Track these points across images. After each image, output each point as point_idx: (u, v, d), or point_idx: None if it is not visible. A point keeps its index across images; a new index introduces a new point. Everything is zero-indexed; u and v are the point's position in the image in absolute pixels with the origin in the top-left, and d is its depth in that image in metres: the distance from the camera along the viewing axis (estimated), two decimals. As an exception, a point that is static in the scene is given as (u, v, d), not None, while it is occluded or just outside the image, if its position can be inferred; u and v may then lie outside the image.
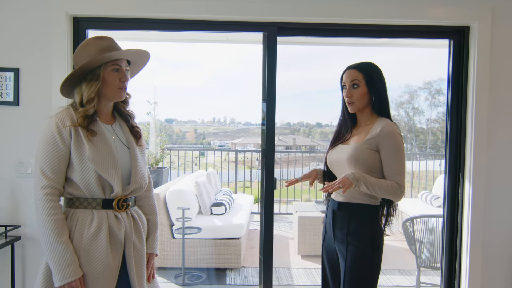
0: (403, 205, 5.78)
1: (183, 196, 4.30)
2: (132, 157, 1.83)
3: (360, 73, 2.02)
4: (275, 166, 2.83)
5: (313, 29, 2.83)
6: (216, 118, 35.77)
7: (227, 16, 2.72)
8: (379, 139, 1.95)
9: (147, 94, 7.13)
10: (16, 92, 2.68)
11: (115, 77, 1.77)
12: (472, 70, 2.73)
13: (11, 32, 2.66)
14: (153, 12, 2.70)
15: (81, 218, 1.71)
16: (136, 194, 1.87)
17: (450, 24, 2.77)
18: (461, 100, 2.82)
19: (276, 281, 4.04)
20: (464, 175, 2.80)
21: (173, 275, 4.10)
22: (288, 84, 33.16)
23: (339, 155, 2.07)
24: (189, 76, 39.50)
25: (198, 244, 4.23)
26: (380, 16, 2.73)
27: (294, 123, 30.61)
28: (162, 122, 20.13)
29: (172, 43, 19.58)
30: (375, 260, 2.00)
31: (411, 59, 27.96)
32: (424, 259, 3.35)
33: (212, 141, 32.44)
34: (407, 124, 20.55)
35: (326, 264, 2.16)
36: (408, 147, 20.38)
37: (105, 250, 1.70)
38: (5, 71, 2.68)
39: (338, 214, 2.05)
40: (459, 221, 2.84)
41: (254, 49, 2.79)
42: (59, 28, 2.67)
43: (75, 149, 1.68)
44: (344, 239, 2.00)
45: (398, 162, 1.94)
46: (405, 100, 20.39)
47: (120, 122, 1.90)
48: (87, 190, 1.71)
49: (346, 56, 17.91)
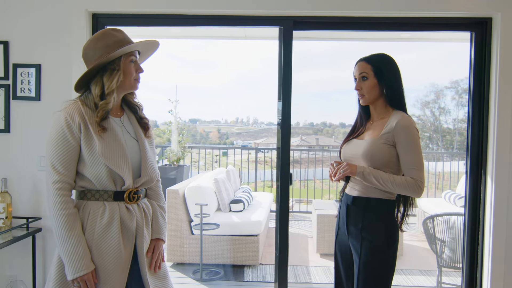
0: (425, 205, 5.65)
1: (202, 192, 4.32)
2: (141, 150, 1.83)
3: (368, 65, 1.99)
4: (297, 165, 2.80)
5: (329, 22, 2.80)
6: (239, 118, 35.88)
7: (242, 10, 2.72)
8: (395, 133, 1.90)
9: (169, 93, 7.22)
10: (38, 88, 2.76)
11: (132, 68, 1.78)
12: (495, 64, 2.64)
13: (32, 29, 2.73)
14: (170, 8, 2.73)
15: (93, 210, 1.72)
16: (146, 186, 1.87)
17: (472, 16, 2.69)
18: (483, 96, 2.73)
19: (293, 278, 4.02)
20: (486, 173, 2.71)
21: (191, 271, 4.13)
22: (312, 83, 32.92)
23: (353, 150, 2.03)
24: (212, 76, 39.68)
25: (216, 240, 4.24)
26: (398, 8, 2.68)
27: (317, 123, 30.35)
28: (186, 122, 20.20)
29: (194, 41, 19.67)
30: (390, 256, 1.96)
31: (437, 58, 27.36)
32: (445, 259, 3.27)
33: (235, 141, 32.54)
34: (432, 124, 20.12)
35: (339, 260, 2.12)
36: (434, 148, 19.93)
37: (117, 241, 1.71)
38: (28, 67, 2.75)
39: (352, 209, 2.02)
40: (481, 220, 2.75)
41: (276, 47, 2.81)
42: (78, 25, 2.72)
43: (85, 143, 1.68)
44: (359, 235, 1.96)
45: (414, 156, 1.89)
46: (431, 100, 19.98)
47: (128, 114, 1.89)
48: (98, 183, 1.72)
49: (369, 53, 17.67)
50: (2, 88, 2.76)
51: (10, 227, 2.62)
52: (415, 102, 20.46)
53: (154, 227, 1.91)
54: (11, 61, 2.76)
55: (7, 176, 2.72)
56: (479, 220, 2.76)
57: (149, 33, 3.70)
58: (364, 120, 2.12)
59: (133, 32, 3.55)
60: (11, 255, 2.77)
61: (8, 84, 2.76)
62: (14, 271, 2.79)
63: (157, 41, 1.90)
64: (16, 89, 2.76)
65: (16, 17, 2.73)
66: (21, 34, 2.74)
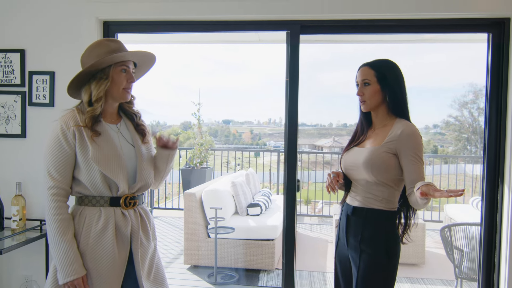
0: (452, 211, 5.44)
1: (218, 196, 4.34)
2: (137, 155, 1.86)
3: (371, 70, 1.92)
4: (327, 166, 2.76)
5: (338, 26, 2.74)
6: (271, 119, 35.84)
7: (249, 15, 2.70)
8: (399, 142, 1.82)
9: (204, 95, 7.30)
10: (52, 94, 2.85)
11: (122, 77, 1.80)
12: (513, 66, 2.50)
13: (47, 38, 2.83)
14: (178, 15, 2.75)
15: (89, 216, 1.77)
16: (143, 191, 1.90)
17: (488, 16, 2.56)
18: (500, 99, 2.60)
19: (308, 285, 3.96)
20: (503, 181, 2.57)
21: (206, 274, 4.15)
22: (347, 84, 32.45)
23: (354, 159, 1.96)
24: (245, 78, 39.93)
25: (232, 244, 4.25)
26: (411, 10, 2.58)
27: (351, 124, 29.92)
28: (219, 123, 19.92)
29: (227, 44, 19.89)
30: (390, 270, 1.88)
31: (475, 57, 26.37)
32: (464, 270, 3.12)
33: (268, 141, 32.52)
34: (471, 125, 19.39)
35: (339, 272, 2.06)
36: (473, 150, 19.18)
37: (111, 246, 1.75)
38: (42, 74, 2.85)
39: (352, 220, 1.95)
40: (498, 230, 2.61)
41: (306, 47, 2.79)
42: (90, 33, 2.79)
43: (80, 150, 1.73)
44: (358, 247, 1.90)
45: (421, 167, 1.81)
46: (469, 100, 19.27)
47: (125, 121, 1.93)
48: (94, 189, 1.76)
49: (401, 54, 17.20)
50: (19, 95, 2.87)
51: (24, 229, 2.72)
52: (452, 103, 19.79)
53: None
54: (27, 69, 2.86)
55: (22, 179, 2.82)
56: (496, 231, 2.62)
57: (171, 38, 3.81)
58: (365, 128, 2.05)
59: (157, 38, 3.62)
60: (26, 256, 2.88)
61: (25, 91, 2.87)
62: (30, 271, 2.89)
63: (152, 53, 1.92)
64: (32, 95, 2.86)
65: (31, 26, 2.84)
66: (36, 43, 2.84)
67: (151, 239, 1.92)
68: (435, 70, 13.56)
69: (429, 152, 16.02)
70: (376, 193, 1.88)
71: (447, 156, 10.24)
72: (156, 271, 1.94)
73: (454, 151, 19.34)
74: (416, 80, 19.16)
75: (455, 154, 16.56)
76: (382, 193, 1.87)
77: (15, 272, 2.90)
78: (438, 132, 24.00)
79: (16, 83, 2.87)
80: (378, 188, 1.87)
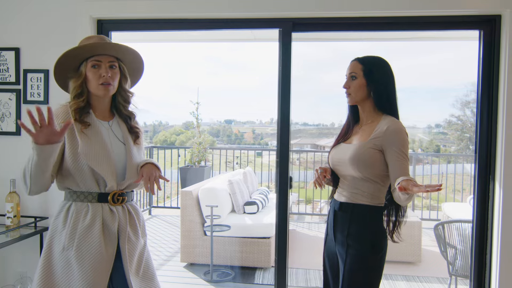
0: (449, 209, 5.43)
1: (215, 194, 4.35)
2: (127, 152, 1.87)
3: (360, 64, 1.93)
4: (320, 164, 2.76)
5: (330, 23, 2.75)
6: (273, 118, 35.75)
7: (241, 13, 2.72)
8: (385, 138, 1.83)
9: (204, 94, 7.30)
10: (46, 92, 2.87)
11: (94, 73, 1.80)
12: (504, 64, 2.50)
13: (41, 36, 2.85)
14: (169, 12, 2.77)
15: (77, 211, 1.78)
16: (132, 189, 1.91)
17: (479, 13, 2.56)
18: (491, 97, 2.60)
19: (304, 283, 3.97)
20: (494, 178, 2.58)
21: (202, 272, 4.17)
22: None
23: (341, 155, 1.98)
24: (246, 77, 39.92)
25: (228, 242, 4.26)
26: (404, 7, 2.59)
27: (353, 123, 29.75)
28: (221, 122, 19.91)
29: (229, 44, 19.90)
30: (376, 265, 1.89)
31: (477, 56, 26.22)
32: (457, 268, 3.12)
33: (270, 141, 32.46)
34: (473, 124, 19.30)
35: (327, 267, 2.08)
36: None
37: (97, 242, 1.75)
38: (37, 72, 2.87)
39: (339, 215, 1.97)
40: (489, 227, 2.61)
41: (308, 47, 2.74)
42: (84, 31, 2.80)
43: (69, 143, 1.75)
44: (344, 242, 1.91)
45: (406, 163, 1.82)
46: (471, 99, 19.17)
47: (118, 119, 1.93)
48: (82, 184, 1.78)
49: (405, 53, 17.19)
50: (13, 92, 2.90)
51: (18, 225, 2.75)
52: (454, 102, 19.70)
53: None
54: (22, 67, 2.89)
55: (16, 177, 2.84)
56: (487, 228, 2.63)
57: (159, 37, 3.81)
58: (351, 124, 2.06)
59: (152, 36, 3.61)
60: (20, 252, 2.90)
61: (19, 89, 2.89)
62: (24, 268, 2.91)
63: (132, 48, 1.88)
64: (27, 93, 2.88)
65: (26, 24, 2.86)
66: (31, 41, 2.87)
67: (140, 236, 1.92)
68: (438, 69, 13.60)
69: (431, 152, 15.95)
70: (362, 189, 1.89)
71: (449, 155, 10.21)
72: (145, 267, 1.93)
73: (457, 151, 19.28)
74: (419, 79, 19.10)
75: (457, 153, 16.52)
76: (369, 189, 1.88)
77: (10, 269, 2.93)
78: (440, 131, 23.92)
79: (11, 81, 2.89)
80: (365, 184, 1.88)
